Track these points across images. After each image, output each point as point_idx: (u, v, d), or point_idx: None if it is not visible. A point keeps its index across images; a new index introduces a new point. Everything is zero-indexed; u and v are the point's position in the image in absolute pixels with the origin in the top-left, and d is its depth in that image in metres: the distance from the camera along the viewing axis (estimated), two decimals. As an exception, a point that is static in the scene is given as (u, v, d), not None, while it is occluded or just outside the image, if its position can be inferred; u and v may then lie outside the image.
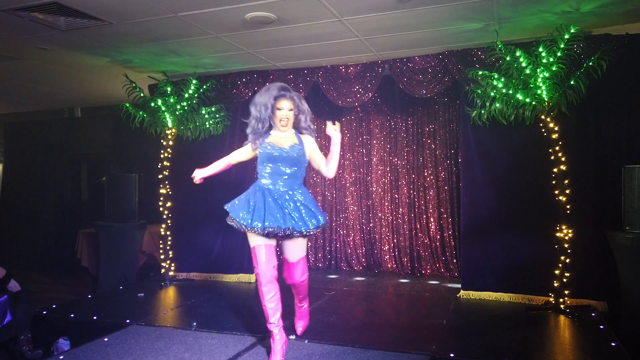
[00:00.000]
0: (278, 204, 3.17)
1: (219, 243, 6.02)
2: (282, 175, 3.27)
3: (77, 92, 7.23)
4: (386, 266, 6.48)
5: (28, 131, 8.99)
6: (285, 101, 3.31)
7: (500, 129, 4.76)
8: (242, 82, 5.93)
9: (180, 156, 6.06)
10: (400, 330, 3.97)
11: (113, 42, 4.87)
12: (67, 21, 4.23)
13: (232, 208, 3.31)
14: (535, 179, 4.72)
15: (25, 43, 4.82)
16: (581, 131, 4.62)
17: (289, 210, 3.16)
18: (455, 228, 6.13)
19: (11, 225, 8.98)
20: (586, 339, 3.75)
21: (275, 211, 3.14)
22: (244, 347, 3.53)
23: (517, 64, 4.39)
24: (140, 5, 3.90)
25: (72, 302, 5.20)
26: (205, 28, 4.48)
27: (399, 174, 6.52)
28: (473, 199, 5.01)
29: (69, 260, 7.68)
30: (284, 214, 3.14)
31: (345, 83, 5.58)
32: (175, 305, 4.89)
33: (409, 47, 5.06)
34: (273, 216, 3.12)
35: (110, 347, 3.57)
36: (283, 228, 3.10)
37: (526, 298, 4.74)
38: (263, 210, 3.15)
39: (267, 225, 3.10)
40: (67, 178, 8.74)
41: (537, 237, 4.68)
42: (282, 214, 3.14)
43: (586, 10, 4.10)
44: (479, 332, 3.89)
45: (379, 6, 4.01)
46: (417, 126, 6.45)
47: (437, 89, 5.24)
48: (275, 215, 3.12)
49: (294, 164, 3.28)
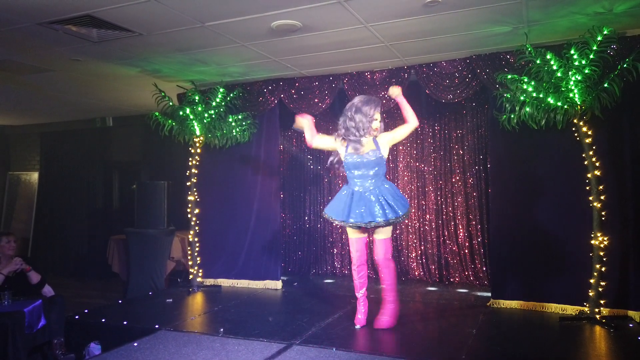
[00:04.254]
0: (362, 201, 3.84)
1: (246, 250, 6.06)
2: (367, 177, 3.92)
3: (108, 102, 7.42)
4: (413, 274, 6.39)
5: (62, 140, 9.28)
6: (379, 113, 3.99)
7: (531, 134, 4.65)
8: (268, 90, 5.98)
9: (208, 163, 6.15)
10: (429, 339, 3.90)
11: (143, 53, 4.98)
12: (99, 33, 4.35)
13: (329, 208, 4.07)
14: (568, 184, 4.59)
15: (60, 55, 4.98)
16: (616, 135, 4.47)
17: (369, 206, 3.82)
18: (484, 235, 6.01)
19: (46, 231, 9.25)
20: (623, 351, 3.59)
21: (357, 208, 3.83)
22: (270, 353, 3.53)
23: (547, 67, 4.29)
24: (168, 16, 3.98)
25: (103, 307, 5.32)
26: (232, 37, 4.54)
27: (425, 180, 6.44)
28: (503, 205, 4.90)
29: (100, 266, 7.85)
30: (366, 210, 3.81)
31: (370, 89, 5.55)
32: (202, 311, 4.93)
33: (435, 52, 5.01)
34: (355, 212, 3.83)
35: (140, 352, 3.62)
36: (365, 222, 3.80)
37: (559, 307, 4.59)
38: (349, 207, 3.88)
39: (352, 220, 3.84)
40: (99, 186, 8.97)
41: (570, 245, 4.54)
42: (365, 210, 3.81)
43: (620, 10, 3.98)
44: (511, 342, 3.79)
45: (405, 12, 3.98)
46: (445, 132, 6.37)
47: (464, 93, 5.17)
48: (356, 211, 3.83)
49: (374, 166, 3.91)
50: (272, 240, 6.00)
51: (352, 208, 3.85)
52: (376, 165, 3.90)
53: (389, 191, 3.89)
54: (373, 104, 3.96)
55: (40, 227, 9.30)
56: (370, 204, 3.82)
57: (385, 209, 3.79)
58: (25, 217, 9.45)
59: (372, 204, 3.82)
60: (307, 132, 4.10)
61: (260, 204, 6.05)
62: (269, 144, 6.08)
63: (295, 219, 7.13)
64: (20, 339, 3.73)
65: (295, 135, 7.08)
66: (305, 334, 3.96)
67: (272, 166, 6.06)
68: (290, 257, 7.10)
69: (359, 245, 4.09)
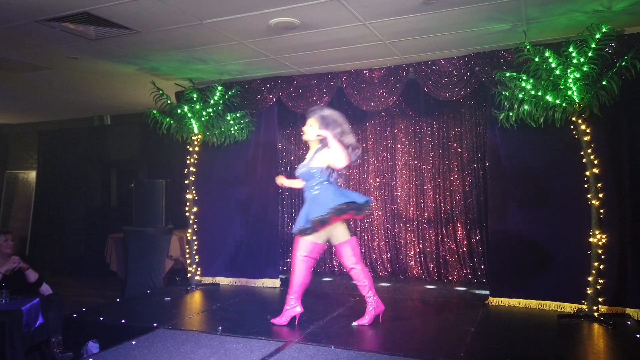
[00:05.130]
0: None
1: (244, 248, 6.05)
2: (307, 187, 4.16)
3: (106, 100, 7.41)
4: (412, 272, 6.40)
5: (60, 139, 9.26)
6: (311, 119, 4.14)
7: (529, 132, 4.65)
8: (266, 88, 5.96)
9: (206, 162, 6.13)
10: (428, 337, 3.90)
11: (140, 51, 4.96)
12: (96, 30, 4.34)
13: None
14: (567, 182, 4.59)
15: (57, 53, 4.97)
16: (614, 133, 4.48)
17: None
18: (482, 233, 6.01)
19: (44, 230, 9.24)
20: (621, 349, 3.60)
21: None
22: (268, 352, 3.52)
23: (546, 64, 4.28)
24: (166, 13, 3.97)
25: (101, 306, 5.31)
26: (230, 35, 4.52)
27: (424, 178, 6.44)
28: (501, 203, 4.91)
29: (98, 264, 7.83)
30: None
31: (369, 87, 5.55)
32: (201, 309, 4.93)
33: (434, 49, 5.01)
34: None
35: (138, 350, 3.61)
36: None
37: (557, 305, 4.59)
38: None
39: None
40: (97, 184, 8.95)
41: (568, 243, 4.55)
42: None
43: (618, 8, 3.98)
44: (509, 340, 3.79)
45: (404, 9, 3.98)
46: (443, 130, 6.37)
47: (463, 91, 5.16)
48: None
49: (307, 178, 4.12)
50: (271, 239, 5.99)
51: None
52: (309, 177, 4.07)
53: (312, 200, 4.02)
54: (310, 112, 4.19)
55: (38, 225, 9.29)
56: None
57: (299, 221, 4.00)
58: (23, 215, 9.43)
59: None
60: (295, 184, 4.40)
61: (258, 202, 6.04)
62: (268, 142, 6.07)
63: (293, 217, 7.12)
64: (17, 337, 3.73)
65: (294, 133, 7.08)
66: (303, 332, 3.96)
67: (270, 164, 6.05)
68: (289, 255, 7.09)
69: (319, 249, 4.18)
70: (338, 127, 4.02)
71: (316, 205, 3.95)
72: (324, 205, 3.91)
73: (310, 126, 4.10)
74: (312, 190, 4.06)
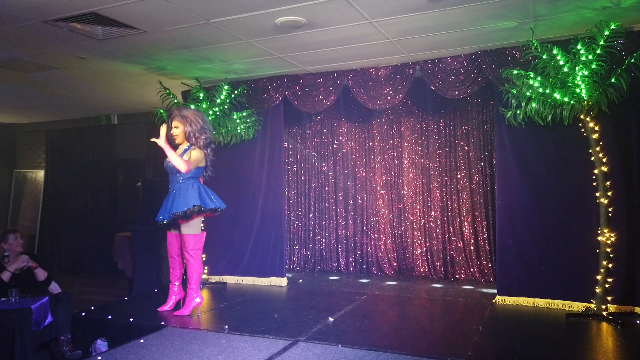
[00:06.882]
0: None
1: (251, 246, 6.07)
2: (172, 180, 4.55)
3: (113, 100, 7.44)
4: (418, 270, 6.38)
5: (68, 138, 9.32)
6: (174, 121, 4.54)
7: (537, 130, 4.63)
8: (272, 87, 5.97)
9: (213, 160, 6.12)
10: (435, 336, 3.89)
11: (147, 50, 4.98)
12: (104, 30, 4.36)
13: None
14: (575, 180, 4.56)
15: (65, 53, 4.99)
16: (623, 131, 4.44)
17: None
18: (490, 232, 5.99)
19: (52, 229, 9.31)
20: (630, 348, 3.58)
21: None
22: (276, 350, 3.53)
23: (554, 62, 4.26)
24: (173, 13, 3.98)
25: (109, 304, 5.33)
26: (237, 34, 4.53)
27: (431, 176, 6.42)
28: (509, 201, 4.88)
29: (106, 263, 7.90)
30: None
31: (375, 85, 5.54)
32: (208, 308, 4.94)
33: (440, 47, 4.99)
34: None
35: (146, 348, 3.63)
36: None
37: (566, 304, 4.57)
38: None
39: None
40: (104, 183, 9.01)
41: (577, 241, 4.52)
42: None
43: (627, 5, 3.94)
44: (517, 339, 3.77)
45: (410, 7, 3.96)
46: (450, 128, 6.34)
47: (470, 89, 5.14)
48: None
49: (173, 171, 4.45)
50: (277, 237, 6.00)
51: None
52: (174, 171, 4.41)
53: (175, 194, 4.39)
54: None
55: (46, 224, 9.36)
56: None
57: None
58: (32, 214, 9.51)
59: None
60: (170, 153, 4.38)
61: (265, 201, 6.05)
62: (274, 141, 6.08)
63: (300, 216, 7.13)
64: (27, 335, 3.76)
65: (300, 132, 7.08)
66: (310, 331, 3.96)
67: (276, 163, 6.06)
68: (295, 254, 7.10)
69: (169, 239, 4.66)
70: (197, 125, 4.44)
71: (179, 200, 4.35)
72: (185, 203, 4.33)
73: (177, 127, 4.46)
74: (176, 184, 4.45)
